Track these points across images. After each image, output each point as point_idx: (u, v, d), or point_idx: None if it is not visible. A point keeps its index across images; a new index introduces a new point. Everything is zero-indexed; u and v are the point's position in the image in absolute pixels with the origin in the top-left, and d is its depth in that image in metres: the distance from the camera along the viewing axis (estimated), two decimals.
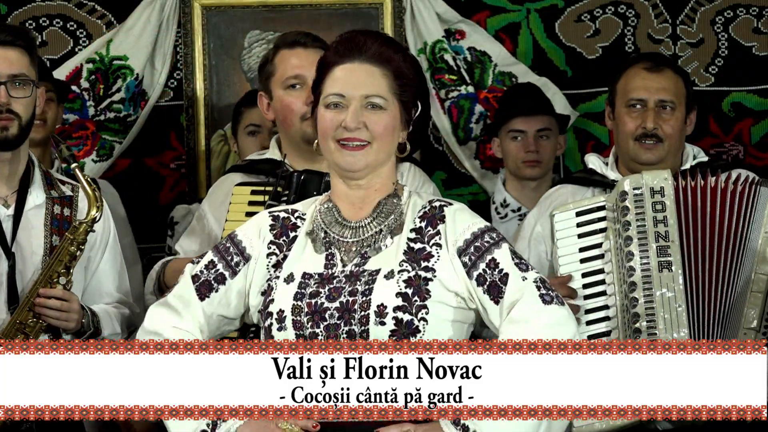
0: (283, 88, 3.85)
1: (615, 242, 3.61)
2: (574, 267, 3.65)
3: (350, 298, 2.90)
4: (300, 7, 5.28)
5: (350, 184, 3.02)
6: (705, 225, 3.58)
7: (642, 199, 3.60)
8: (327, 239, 2.99)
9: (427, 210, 3.01)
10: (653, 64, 3.88)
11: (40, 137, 4.49)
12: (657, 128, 3.82)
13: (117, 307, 3.82)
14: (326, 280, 2.94)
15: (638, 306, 3.51)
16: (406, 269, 2.93)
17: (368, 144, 2.96)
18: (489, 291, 2.93)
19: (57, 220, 3.72)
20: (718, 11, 5.30)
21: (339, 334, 2.89)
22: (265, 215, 3.07)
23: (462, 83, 5.27)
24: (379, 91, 2.96)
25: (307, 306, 2.91)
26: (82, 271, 3.76)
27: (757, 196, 3.60)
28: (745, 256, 3.55)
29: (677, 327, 3.49)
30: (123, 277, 3.89)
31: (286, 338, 2.90)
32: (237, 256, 3.02)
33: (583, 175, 3.98)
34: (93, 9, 5.27)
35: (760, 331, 3.49)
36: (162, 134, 5.27)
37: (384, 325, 2.88)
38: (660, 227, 3.57)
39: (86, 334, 3.66)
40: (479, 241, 2.96)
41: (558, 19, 5.32)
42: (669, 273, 3.53)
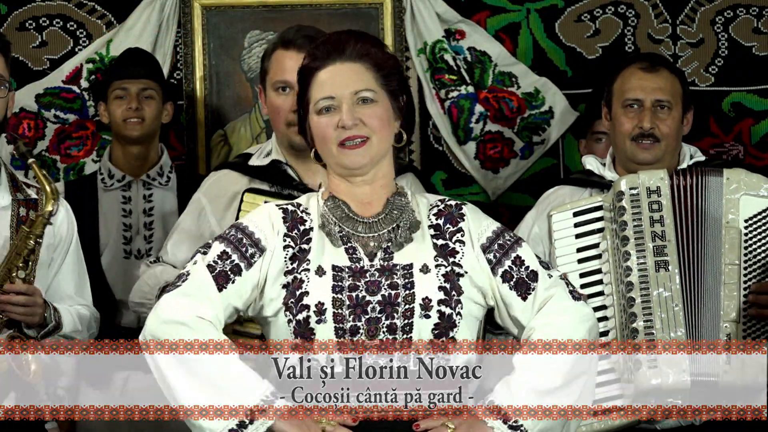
0: (273, 89, 3.85)
1: (612, 242, 3.62)
2: (572, 267, 3.66)
3: (392, 291, 2.93)
4: (300, 7, 5.28)
5: (355, 182, 3.03)
6: (699, 223, 3.58)
7: (638, 199, 3.61)
8: (342, 233, 3.00)
9: (442, 208, 3.06)
10: (649, 64, 3.89)
11: (139, 134, 4.74)
12: (654, 128, 3.82)
13: (78, 308, 3.81)
14: (358, 273, 2.95)
15: (635, 306, 3.51)
16: (442, 264, 2.97)
17: (368, 139, 2.98)
18: (516, 287, 3.01)
19: (22, 222, 3.71)
20: (718, 11, 5.30)
21: (379, 327, 2.91)
22: (274, 207, 3.06)
23: (462, 83, 5.27)
24: (367, 85, 2.99)
25: (348, 299, 2.92)
26: (46, 271, 3.76)
27: (706, 185, 3.61)
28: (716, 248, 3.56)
29: (674, 326, 3.49)
30: (83, 282, 3.89)
31: (325, 330, 2.90)
32: (252, 247, 2.99)
33: (581, 175, 3.99)
34: (93, 9, 5.27)
35: (740, 321, 3.49)
36: (162, 134, 5.27)
37: (429, 318, 2.91)
38: (657, 227, 3.58)
39: (47, 328, 3.66)
40: (501, 239, 3.04)
41: (558, 19, 5.32)
42: (666, 272, 3.53)
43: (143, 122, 4.78)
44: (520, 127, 5.28)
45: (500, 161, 5.26)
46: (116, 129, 4.81)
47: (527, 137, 5.29)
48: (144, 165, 4.84)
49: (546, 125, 5.26)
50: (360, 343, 2.90)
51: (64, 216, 3.82)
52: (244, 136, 5.29)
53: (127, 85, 4.78)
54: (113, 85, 4.80)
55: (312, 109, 3.01)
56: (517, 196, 5.27)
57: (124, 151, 4.83)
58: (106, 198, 4.71)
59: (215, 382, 2.87)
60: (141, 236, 4.77)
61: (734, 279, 3.52)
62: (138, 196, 4.80)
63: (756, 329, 3.43)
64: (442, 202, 3.08)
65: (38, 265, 3.70)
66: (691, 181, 3.60)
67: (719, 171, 3.63)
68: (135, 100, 4.76)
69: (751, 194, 3.57)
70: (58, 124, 5.22)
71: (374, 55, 3.02)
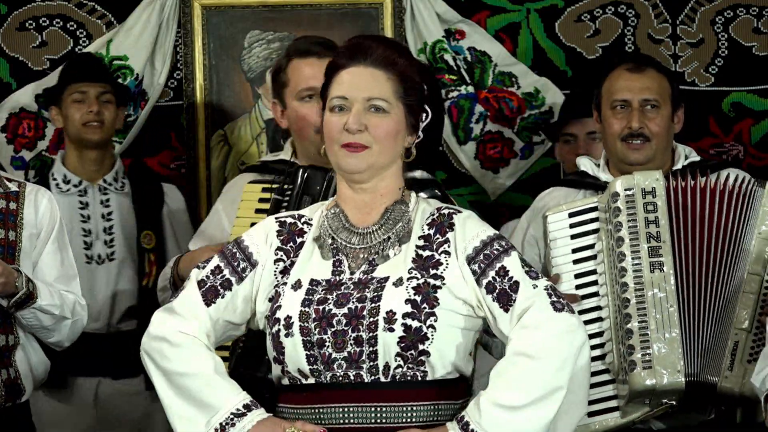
0: (298, 99, 3.87)
1: (607, 243, 3.61)
2: (567, 268, 3.64)
3: (359, 305, 2.90)
4: (300, 7, 5.28)
5: (355, 188, 3.02)
6: (696, 225, 3.57)
7: (633, 200, 3.60)
8: (334, 245, 2.99)
9: (436, 217, 3.01)
10: (635, 64, 3.89)
11: (99, 138, 4.74)
12: (643, 127, 3.82)
13: (60, 290, 3.82)
14: (334, 286, 2.94)
15: (630, 306, 3.50)
16: (414, 276, 2.92)
17: (368, 148, 2.96)
18: (499, 299, 2.92)
19: (2, 213, 3.76)
20: (718, 11, 5.29)
21: (346, 340, 2.89)
22: (272, 221, 3.06)
23: (462, 83, 5.27)
24: (382, 94, 2.96)
25: (314, 312, 2.91)
26: (29, 260, 3.80)
27: (753, 196, 3.60)
28: (739, 256, 3.55)
29: (669, 327, 3.49)
30: (68, 272, 3.90)
31: (293, 344, 2.91)
32: (243, 261, 3.01)
33: (576, 177, 3.99)
34: (93, 9, 5.28)
35: (752, 331, 3.48)
36: (162, 134, 5.28)
37: (393, 331, 2.88)
38: (651, 228, 3.57)
39: (18, 295, 3.67)
40: (488, 249, 2.96)
41: (558, 19, 5.32)
42: (660, 273, 3.52)
43: (103, 126, 4.75)
44: (520, 127, 5.28)
45: (500, 161, 5.26)
46: (75, 133, 4.77)
47: (527, 137, 5.29)
48: (100, 170, 4.82)
49: (546, 125, 5.26)
50: (327, 356, 2.89)
51: (47, 205, 3.87)
52: (244, 136, 5.30)
53: (86, 88, 4.76)
54: (70, 89, 4.77)
55: (327, 105, 3.01)
56: (517, 196, 5.27)
57: (80, 156, 4.81)
58: (62, 202, 4.62)
59: (194, 396, 2.91)
60: (101, 241, 4.77)
61: (754, 289, 3.50)
62: (95, 202, 4.79)
63: (765, 342, 3.40)
64: (438, 211, 3.03)
65: (22, 254, 3.76)
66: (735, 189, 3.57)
67: (763, 183, 3.61)
68: (95, 104, 4.74)
69: None
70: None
71: (400, 65, 2.98)
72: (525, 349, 2.86)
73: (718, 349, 3.49)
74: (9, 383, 3.77)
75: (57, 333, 3.84)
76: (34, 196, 3.86)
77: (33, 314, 3.73)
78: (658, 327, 3.48)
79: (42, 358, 3.90)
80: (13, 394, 3.79)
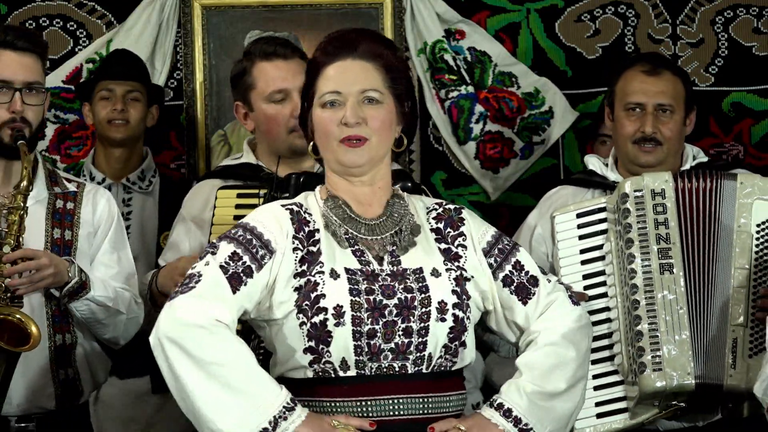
0: (267, 101, 3.85)
1: (616, 244, 3.60)
2: (575, 268, 3.64)
3: (408, 295, 2.93)
4: (300, 7, 5.27)
5: (354, 181, 3.03)
6: (702, 226, 3.57)
7: (643, 201, 3.59)
8: (348, 235, 3.00)
9: (441, 212, 3.08)
10: (652, 66, 3.88)
11: (123, 136, 4.73)
12: (656, 132, 3.82)
13: (115, 285, 3.79)
14: (371, 277, 2.94)
15: (640, 308, 3.50)
16: (451, 268, 2.99)
17: (368, 140, 2.98)
18: (517, 292, 3.06)
19: (59, 213, 3.76)
20: (718, 11, 5.30)
21: (395, 330, 2.91)
22: (280, 208, 3.03)
23: (462, 83, 5.27)
24: (374, 85, 2.99)
25: (366, 302, 2.91)
26: (87, 260, 3.78)
27: (721, 189, 3.60)
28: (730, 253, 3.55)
29: (679, 329, 3.48)
30: (125, 271, 3.86)
31: (343, 334, 2.89)
32: (262, 249, 2.95)
33: (583, 176, 3.98)
34: (93, 9, 5.26)
35: (747, 326, 3.49)
36: (162, 134, 5.26)
37: (444, 321, 2.93)
38: (661, 229, 3.56)
39: (70, 285, 3.63)
40: (501, 243, 3.08)
41: (558, 19, 5.32)
42: (670, 275, 3.52)
43: (128, 124, 4.76)
44: (520, 127, 5.28)
45: (500, 161, 5.26)
46: (100, 130, 4.80)
47: (527, 137, 5.29)
48: (126, 168, 4.83)
49: (546, 125, 5.26)
50: (377, 347, 2.90)
51: (105, 205, 3.87)
52: (244, 136, 5.27)
53: (113, 86, 4.77)
54: (99, 86, 4.80)
55: (316, 102, 3.01)
56: (517, 196, 5.27)
57: (106, 154, 4.82)
58: None
59: (237, 387, 2.82)
60: None
61: (744, 283, 3.51)
62: (117, 200, 4.78)
63: (763, 334, 3.42)
64: (440, 206, 3.10)
65: (79, 252, 3.74)
66: (703, 184, 3.59)
67: (733, 175, 3.61)
68: (120, 102, 4.75)
69: (764, 199, 3.56)
70: (58, 124, 5.21)
71: (386, 56, 3.03)
72: (556, 341, 3.03)
73: (720, 348, 3.49)
74: (67, 384, 3.73)
75: (112, 328, 3.78)
76: (92, 195, 3.86)
77: (87, 306, 3.68)
78: (668, 329, 3.48)
79: (102, 358, 3.87)
80: (70, 396, 3.74)
